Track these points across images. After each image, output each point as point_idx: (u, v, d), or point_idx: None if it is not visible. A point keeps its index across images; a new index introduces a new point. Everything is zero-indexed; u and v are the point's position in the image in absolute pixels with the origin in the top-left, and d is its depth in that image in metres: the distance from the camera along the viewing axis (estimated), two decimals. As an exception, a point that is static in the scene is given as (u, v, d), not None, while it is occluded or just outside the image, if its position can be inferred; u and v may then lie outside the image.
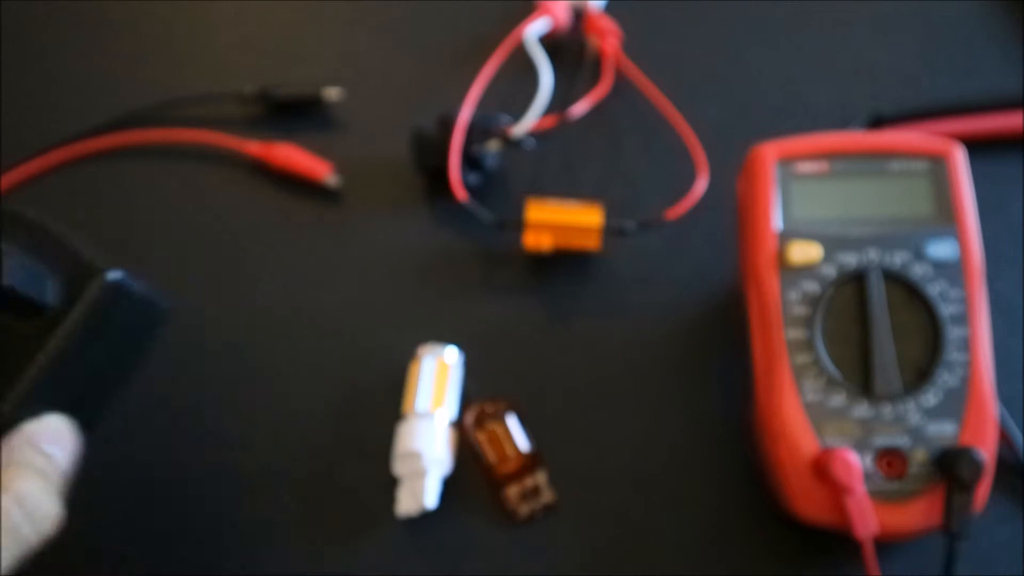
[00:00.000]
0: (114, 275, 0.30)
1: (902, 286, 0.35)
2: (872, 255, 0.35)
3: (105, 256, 0.31)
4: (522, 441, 0.38)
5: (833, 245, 0.35)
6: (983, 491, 0.33)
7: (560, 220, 0.41)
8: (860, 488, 0.33)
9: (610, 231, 0.42)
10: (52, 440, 0.29)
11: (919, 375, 0.34)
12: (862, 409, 0.34)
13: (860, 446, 0.34)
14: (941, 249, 0.35)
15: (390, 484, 0.37)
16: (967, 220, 0.35)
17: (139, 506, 0.38)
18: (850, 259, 0.35)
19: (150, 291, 0.32)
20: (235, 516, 0.38)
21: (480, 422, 0.38)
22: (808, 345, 0.35)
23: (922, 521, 0.33)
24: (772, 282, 0.35)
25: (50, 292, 0.29)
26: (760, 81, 0.49)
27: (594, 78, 0.48)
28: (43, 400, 0.29)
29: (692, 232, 0.44)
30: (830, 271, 0.35)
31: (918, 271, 0.35)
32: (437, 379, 0.38)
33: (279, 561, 0.37)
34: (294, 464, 0.39)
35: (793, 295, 0.35)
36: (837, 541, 0.35)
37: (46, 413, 0.29)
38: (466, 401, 0.39)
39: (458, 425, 0.39)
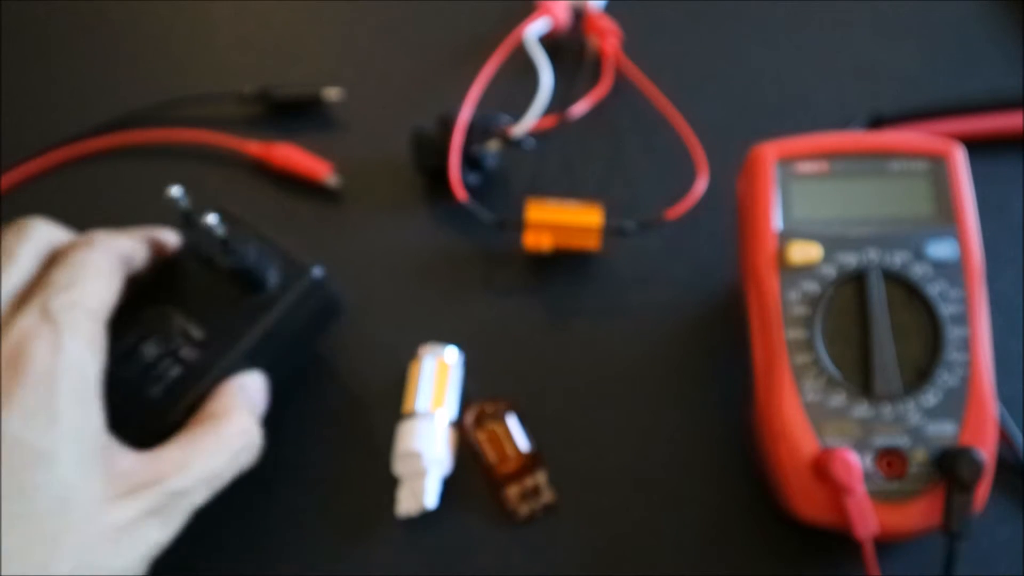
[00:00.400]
0: (318, 271, 0.36)
1: (902, 286, 0.35)
2: (872, 255, 0.35)
3: (309, 255, 0.37)
4: (522, 441, 0.38)
5: (833, 245, 0.35)
6: (983, 491, 0.33)
7: (560, 220, 0.41)
8: (860, 488, 0.33)
9: (610, 231, 0.42)
10: (256, 392, 0.35)
11: (919, 375, 0.34)
12: (862, 409, 0.34)
13: (860, 446, 0.34)
14: (941, 249, 0.35)
15: (390, 484, 0.37)
16: (967, 220, 0.35)
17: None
18: (850, 259, 0.35)
19: (336, 289, 0.38)
20: (235, 516, 0.38)
21: (480, 422, 0.38)
22: (808, 345, 0.35)
23: (922, 521, 0.33)
24: (772, 282, 0.35)
25: (271, 277, 0.36)
26: (760, 81, 0.49)
27: (594, 78, 0.48)
28: (249, 360, 0.35)
29: (692, 232, 0.44)
30: (830, 271, 0.35)
31: (918, 271, 0.35)
32: (437, 379, 0.38)
33: (279, 560, 0.37)
34: (294, 464, 0.39)
35: (793, 295, 0.35)
36: (837, 541, 0.35)
37: (249, 371, 0.35)
38: (466, 401, 0.39)
39: (458, 425, 0.39)
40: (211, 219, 0.34)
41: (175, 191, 0.35)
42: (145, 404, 0.34)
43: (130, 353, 0.35)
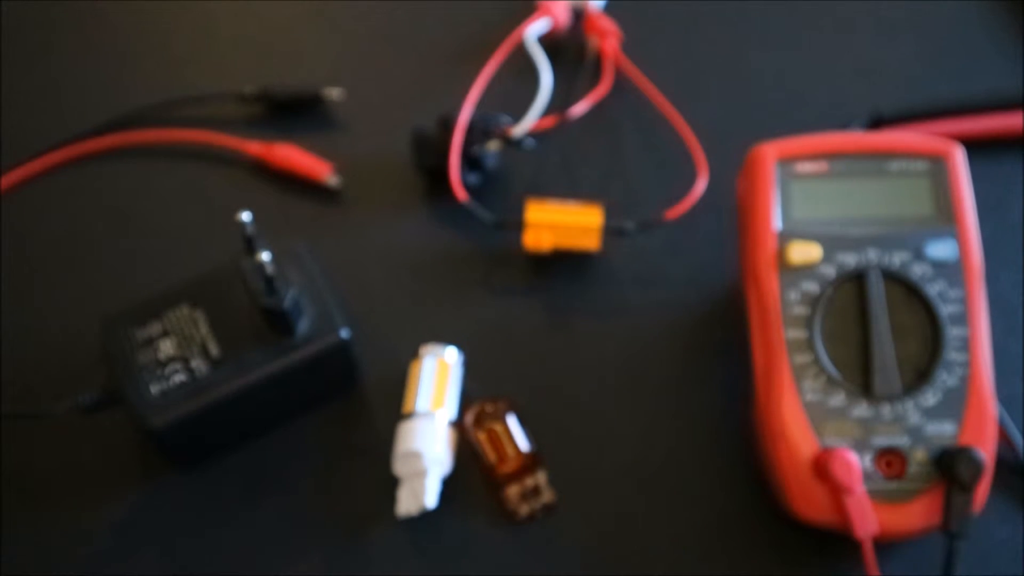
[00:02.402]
0: (345, 333, 0.37)
1: (902, 286, 0.35)
2: (872, 255, 0.35)
3: (344, 312, 0.37)
4: (522, 441, 0.38)
5: (833, 245, 0.35)
6: (983, 491, 0.33)
7: (560, 220, 0.41)
8: (860, 488, 0.33)
9: (610, 231, 0.42)
10: None
11: (919, 375, 0.34)
12: (862, 409, 0.34)
13: (860, 446, 0.34)
14: (941, 249, 0.35)
15: (390, 484, 0.37)
16: (967, 220, 0.36)
17: (142, 506, 0.38)
18: (850, 259, 0.35)
19: (359, 357, 0.39)
20: (235, 516, 0.38)
21: (480, 422, 0.38)
22: (808, 345, 0.35)
23: (922, 521, 0.33)
24: (772, 282, 0.35)
25: (301, 326, 0.36)
26: (760, 81, 0.49)
27: (594, 78, 0.48)
28: (248, 396, 0.36)
29: (692, 232, 0.44)
30: (830, 271, 0.35)
31: (918, 271, 0.35)
32: (437, 379, 0.38)
33: (279, 561, 0.37)
34: (294, 464, 0.39)
35: (793, 295, 0.35)
36: (837, 541, 0.35)
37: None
38: (466, 401, 0.39)
39: (458, 425, 0.39)
40: (264, 256, 0.35)
41: (245, 216, 0.35)
42: (141, 397, 0.35)
43: (150, 342, 0.36)
